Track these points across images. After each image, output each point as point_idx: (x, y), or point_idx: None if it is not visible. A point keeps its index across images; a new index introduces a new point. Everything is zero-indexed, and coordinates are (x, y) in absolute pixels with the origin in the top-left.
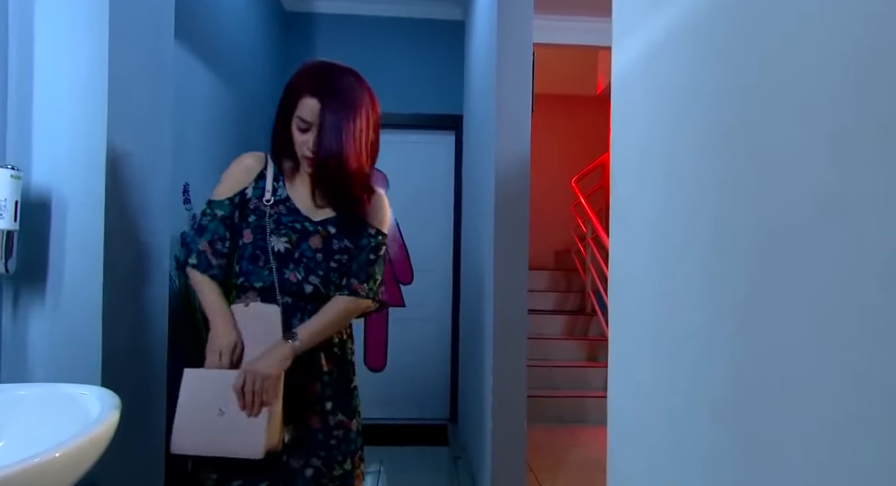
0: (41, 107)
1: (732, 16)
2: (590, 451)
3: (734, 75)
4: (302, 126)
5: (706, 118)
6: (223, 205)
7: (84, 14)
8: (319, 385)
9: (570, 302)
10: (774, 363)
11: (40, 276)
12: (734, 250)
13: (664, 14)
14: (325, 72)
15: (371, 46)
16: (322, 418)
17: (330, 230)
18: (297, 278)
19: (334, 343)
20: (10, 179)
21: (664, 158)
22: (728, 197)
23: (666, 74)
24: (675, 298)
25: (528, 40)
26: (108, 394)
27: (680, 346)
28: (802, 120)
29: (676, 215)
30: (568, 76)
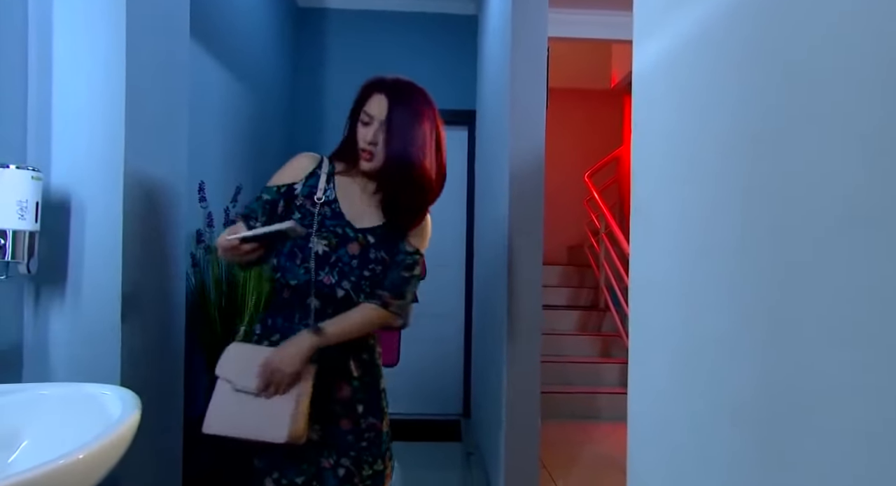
0: (60, 108)
1: (758, 16)
2: (603, 448)
3: (761, 76)
4: (365, 119)
5: (732, 120)
6: (270, 190)
7: (101, 15)
8: (350, 389)
9: (583, 297)
10: (800, 369)
11: (61, 275)
12: (760, 254)
13: (687, 15)
14: (397, 79)
15: (383, 42)
16: (353, 420)
17: (369, 239)
18: (330, 281)
19: (363, 348)
20: (32, 181)
21: (688, 160)
22: (754, 200)
23: (689, 75)
24: (698, 301)
25: (542, 34)
26: (128, 394)
27: (702, 350)
28: (832, 121)
29: (700, 218)
30: (582, 70)
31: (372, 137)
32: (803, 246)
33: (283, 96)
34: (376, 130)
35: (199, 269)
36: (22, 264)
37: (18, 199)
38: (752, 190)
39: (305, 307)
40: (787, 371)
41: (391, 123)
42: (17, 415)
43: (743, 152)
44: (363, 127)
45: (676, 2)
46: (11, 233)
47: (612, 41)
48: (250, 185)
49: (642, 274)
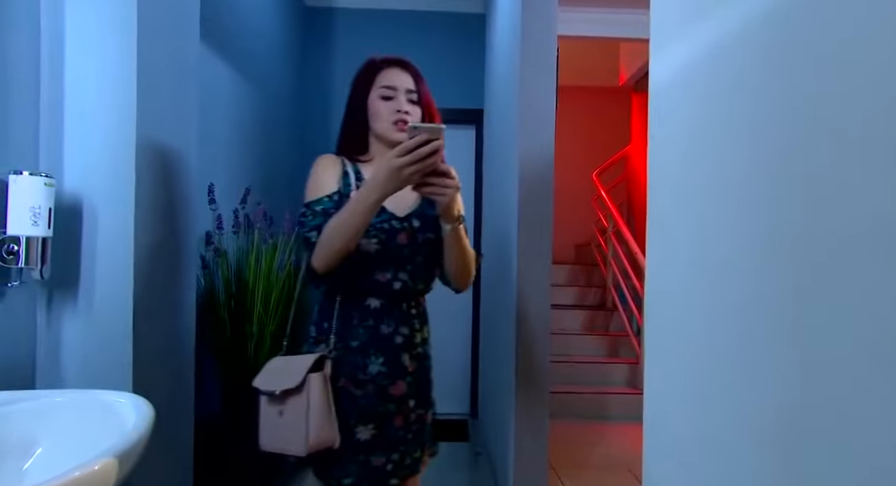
0: (72, 113)
1: (785, 26)
2: (611, 448)
3: (787, 88)
4: (388, 94)
5: (756, 133)
6: (322, 201)
7: (112, 20)
8: (405, 386)
9: (590, 297)
10: (828, 390)
11: (73, 280)
12: (784, 270)
13: (709, 25)
14: (397, 56)
15: (391, 41)
16: (405, 416)
17: (414, 225)
18: (385, 278)
19: (417, 343)
20: (45, 187)
21: (708, 174)
22: (780, 216)
23: (709, 88)
24: (718, 316)
25: (552, 33)
26: (142, 402)
27: (722, 367)
28: (863, 136)
29: (722, 232)
30: (589, 67)
31: (405, 106)
32: (830, 263)
33: (291, 96)
34: (403, 99)
35: (209, 271)
36: (35, 270)
37: (31, 205)
38: (776, 207)
39: (364, 308)
40: (812, 392)
41: (419, 92)
42: (32, 422)
43: (767, 168)
44: (385, 101)
45: (694, 15)
46: (25, 239)
47: (620, 39)
48: (260, 186)
49: (659, 285)
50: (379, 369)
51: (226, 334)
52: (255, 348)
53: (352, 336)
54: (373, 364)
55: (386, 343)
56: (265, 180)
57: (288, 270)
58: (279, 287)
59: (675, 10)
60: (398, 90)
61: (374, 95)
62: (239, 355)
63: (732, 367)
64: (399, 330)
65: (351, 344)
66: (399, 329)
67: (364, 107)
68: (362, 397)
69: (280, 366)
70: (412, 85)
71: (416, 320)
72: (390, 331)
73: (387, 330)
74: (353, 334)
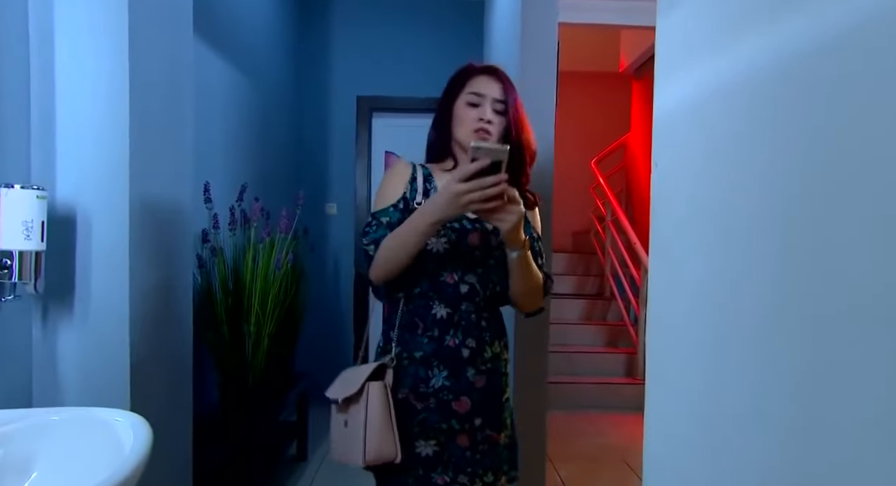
0: (64, 121)
1: (803, 71)
2: (607, 438)
3: (799, 134)
4: (473, 100)
5: (766, 177)
6: (387, 212)
7: (103, 24)
8: (469, 403)
9: (588, 286)
10: (834, 441)
11: (68, 292)
12: (794, 314)
13: (720, 61)
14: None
15: (389, 30)
16: (471, 435)
17: (488, 226)
18: (453, 280)
19: (487, 358)
20: (37, 200)
21: (716, 212)
22: (790, 264)
23: (720, 124)
24: (723, 354)
25: (553, 21)
26: (140, 422)
27: (726, 406)
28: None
29: (729, 269)
30: (589, 52)
31: (489, 115)
32: (840, 309)
33: (287, 87)
34: (489, 108)
35: (206, 269)
36: (29, 284)
37: (24, 219)
38: (789, 250)
39: (429, 317)
40: (819, 443)
41: (508, 102)
42: (28, 442)
43: (778, 211)
44: (472, 108)
45: (704, 48)
46: (18, 254)
47: (621, 27)
48: (256, 182)
49: (661, 311)
50: (442, 383)
51: (223, 333)
52: (252, 348)
53: (415, 346)
54: (436, 377)
55: (451, 356)
56: (261, 176)
57: (285, 269)
58: (276, 287)
59: (681, 40)
60: (485, 97)
61: (460, 101)
62: (236, 355)
63: (736, 408)
64: (466, 342)
65: (414, 354)
66: (466, 341)
67: (450, 112)
68: (423, 411)
69: (349, 376)
70: (500, 94)
71: (486, 332)
72: (457, 343)
73: (453, 342)
74: (416, 343)
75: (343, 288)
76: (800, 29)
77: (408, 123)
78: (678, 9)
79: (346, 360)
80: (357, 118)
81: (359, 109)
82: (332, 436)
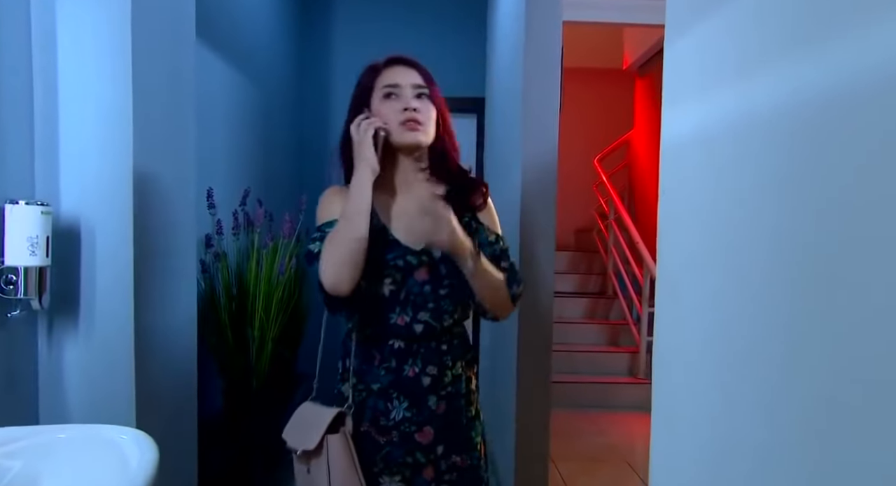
0: (67, 135)
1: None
2: (609, 438)
3: (820, 180)
4: (392, 91)
5: (781, 222)
6: (332, 224)
7: (106, 37)
8: (432, 433)
9: (591, 284)
10: None
11: (73, 305)
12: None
13: (732, 97)
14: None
15: (390, 28)
16: (436, 466)
17: (435, 255)
18: (404, 321)
19: (447, 382)
20: (41, 216)
21: (724, 251)
22: (804, 317)
23: (731, 161)
24: (732, 396)
25: (557, 20)
26: (146, 441)
27: (735, 450)
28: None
29: (739, 312)
30: (592, 49)
31: (413, 102)
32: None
33: (289, 86)
34: (410, 95)
35: (209, 274)
36: (34, 299)
37: (29, 235)
38: (803, 299)
39: (386, 348)
40: None
41: (432, 89)
42: (35, 461)
43: (792, 260)
44: (389, 100)
45: (715, 81)
46: (23, 270)
47: (625, 25)
48: (259, 186)
49: (668, 345)
50: (403, 415)
51: (227, 339)
52: (256, 353)
53: (372, 378)
54: (396, 409)
55: (410, 386)
56: (264, 177)
57: (288, 273)
58: (280, 291)
59: (690, 69)
60: (402, 87)
61: (376, 98)
62: (240, 360)
63: (745, 454)
64: (426, 370)
65: (372, 387)
66: (427, 369)
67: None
68: (386, 445)
69: (306, 416)
70: (420, 80)
71: (447, 356)
72: (416, 372)
73: (412, 371)
74: (373, 375)
75: None
76: (814, 73)
77: None
78: (688, 37)
79: None
80: None
81: None
82: (296, 480)
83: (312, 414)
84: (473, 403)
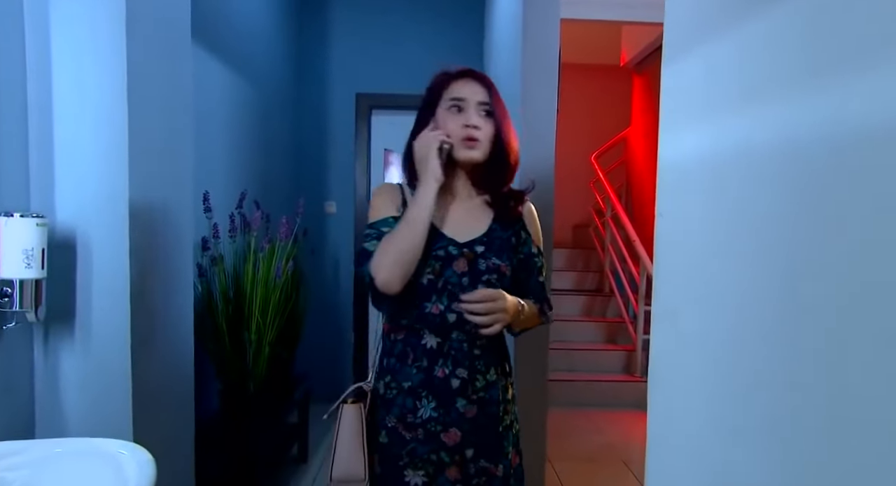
0: (62, 145)
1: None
2: (605, 436)
3: (827, 213)
4: (459, 104)
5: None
6: (387, 221)
7: (100, 46)
8: (460, 434)
9: (588, 281)
10: None
11: (69, 316)
12: (811, 418)
13: (730, 124)
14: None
15: (388, 26)
16: (462, 468)
17: (476, 250)
18: (438, 310)
19: (478, 387)
20: (36, 228)
21: (721, 284)
22: (807, 356)
23: (728, 192)
24: (728, 430)
25: (555, 18)
26: (144, 455)
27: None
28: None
29: (740, 359)
30: (590, 45)
31: (475, 119)
32: (850, 389)
33: (286, 86)
34: (474, 112)
35: (206, 278)
36: (30, 312)
37: (24, 248)
38: (804, 339)
39: (419, 347)
40: None
41: (495, 106)
42: (32, 477)
43: (787, 288)
44: (455, 113)
45: (705, 106)
46: (18, 283)
47: (622, 22)
48: (256, 184)
49: (663, 377)
50: (430, 414)
51: (224, 343)
52: (253, 357)
53: (404, 376)
54: (423, 408)
55: (439, 387)
56: (261, 177)
57: (285, 276)
58: (277, 294)
59: (687, 93)
60: (468, 101)
61: (442, 108)
62: (238, 364)
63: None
64: (456, 372)
65: (403, 384)
66: (456, 371)
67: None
68: (412, 441)
69: None
70: (485, 97)
71: (479, 361)
72: (446, 373)
73: (442, 372)
74: (405, 374)
75: (342, 287)
76: (813, 112)
77: (407, 120)
78: (689, 59)
79: (346, 360)
80: (356, 116)
81: (358, 107)
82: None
83: None
84: (509, 412)
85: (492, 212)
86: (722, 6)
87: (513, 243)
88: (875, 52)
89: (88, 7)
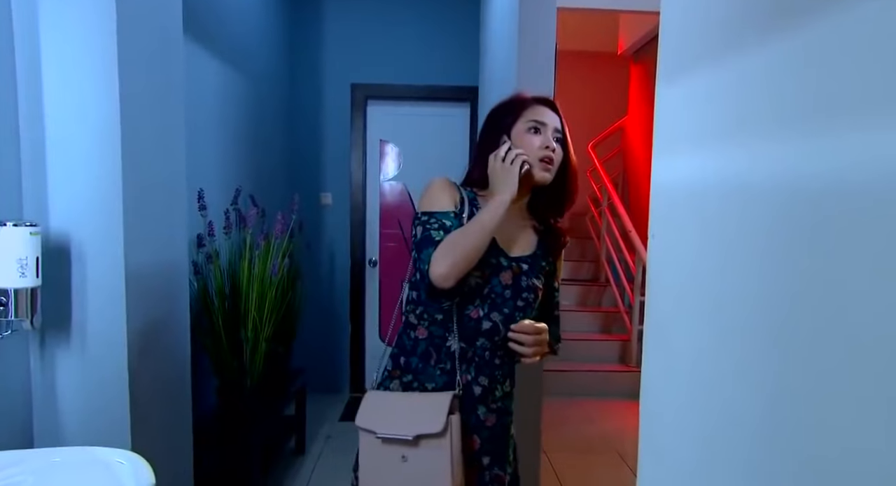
0: (54, 151)
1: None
2: (600, 426)
3: (812, 250)
4: (538, 127)
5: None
6: (448, 216)
7: (91, 46)
8: (479, 441)
9: (584, 271)
10: None
11: (65, 323)
12: (794, 437)
13: (723, 153)
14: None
15: (383, 16)
16: (478, 474)
17: (522, 267)
18: (478, 315)
19: (497, 397)
20: (30, 237)
21: (711, 310)
22: (790, 379)
23: (719, 221)
24: (716, 460)
25: (551, 9)
26: (142, 466)
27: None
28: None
29: (724, 370)
30: (587, 32)
31: (553, 143)
32: (845, 432)
33: (281, 77)
34: (551, 137)
35: (202, 276)
36: (26, 321)
37: (18, 257)
38: (787, 365)
39: (444, 349)
40: None
41: (565, 135)
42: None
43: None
44: (532, 134)
45: (701, 132)
46: (13, 292)
47: (620, 11)
48: (251, 177)
49: (656, 400)
50: None
51: (221, 341)
52: (250, 353)
53: (427, 377)
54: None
55: (463, 392)
56: (256, 169)
57: (282, 273)
58: (273, 290)
59: (682, 117)
60: (547, 126)
61: (518, 129)
62: (235, 361)
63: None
64: (478, 380)
65: (427, 385)
66: (479, 379)
67: (499, 142)
68: None
69: (388, 403)
70: (559, 125)
71: (499, 371)
72: (469, 379)
73: (465, 378)
74: (429, 375)
75: (338, 279)
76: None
77: (403, 111)
78: (681, 87)
79: (342, 353)
80: (352, 106)
81: (353, 97)
82: (371, 468)
83: (402, 399)
84: (513, 421)
85: (537, 237)
86: (723, 37)
87: (546, 271)
88: (875, 104)
89: (78, 6)
